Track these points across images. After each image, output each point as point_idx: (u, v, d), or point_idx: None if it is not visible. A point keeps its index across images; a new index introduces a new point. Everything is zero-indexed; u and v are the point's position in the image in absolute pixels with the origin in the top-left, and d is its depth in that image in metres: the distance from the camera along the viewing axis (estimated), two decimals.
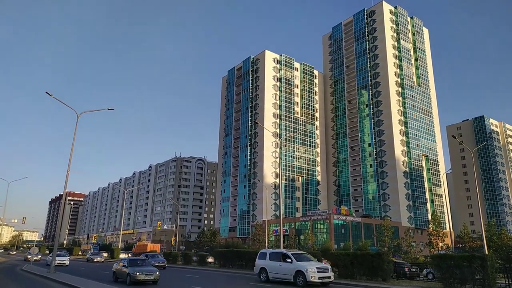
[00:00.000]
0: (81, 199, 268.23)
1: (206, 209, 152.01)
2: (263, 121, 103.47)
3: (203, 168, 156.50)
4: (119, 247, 75.45)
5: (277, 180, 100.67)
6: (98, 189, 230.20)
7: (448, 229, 58.66)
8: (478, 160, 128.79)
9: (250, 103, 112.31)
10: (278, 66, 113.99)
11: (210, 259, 43.68)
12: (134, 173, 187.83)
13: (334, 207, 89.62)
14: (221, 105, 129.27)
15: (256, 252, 37.29)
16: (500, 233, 36.25)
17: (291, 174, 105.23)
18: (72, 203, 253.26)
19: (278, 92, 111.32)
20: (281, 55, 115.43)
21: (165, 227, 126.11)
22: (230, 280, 26.68)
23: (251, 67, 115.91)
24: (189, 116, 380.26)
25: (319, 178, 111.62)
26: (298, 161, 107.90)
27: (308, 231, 70.47)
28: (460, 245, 44.14)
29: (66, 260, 42.70)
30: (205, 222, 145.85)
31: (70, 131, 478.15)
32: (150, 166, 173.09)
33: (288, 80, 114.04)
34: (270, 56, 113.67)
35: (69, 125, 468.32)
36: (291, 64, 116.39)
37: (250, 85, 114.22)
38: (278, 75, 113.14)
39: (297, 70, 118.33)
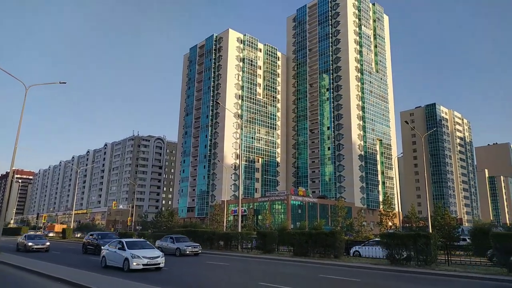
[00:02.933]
0: (31, 177, 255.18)
1: (165, 189, 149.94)
2: (225, 101, 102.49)
3: (162, 148, 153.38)
4: (72, 227, 73.32)
5: (237, 161, 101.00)
6: (49, 167, 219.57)
7: (397, 209, 62.11)
8: (428, 145, 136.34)
9: (212, 83, 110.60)
10: (241, 46, 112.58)
11: None
12: (88, 152, 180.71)
13: (292, 188, 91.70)
14: (182, 83, 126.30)
15: (214, 232, 37.47)
16: (444, 213, 38.91)
17: (251, 155, 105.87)
18: (20, 181, 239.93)
19: (240, 73, 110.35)
20: (245, 35, 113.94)
21: (120, 207, 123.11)
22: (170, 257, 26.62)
23: (214, 46, 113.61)
24: (148, 94, 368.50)
25: (278, 159, 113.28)
26: (259, 143, 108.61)
27: (266, 212, 71.78)
28: (408, 225, 46.96)
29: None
30: (163, 202, 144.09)
31: (19, 105, 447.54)
32: (105, 145, 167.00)
33: (251, 61, 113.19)
34: (234, 36, 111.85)
35: (18, 99, 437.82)
36: (254, 44, 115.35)
37: (213, 64, 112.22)
38: (241, 55, 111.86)
39: (261, 51, 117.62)
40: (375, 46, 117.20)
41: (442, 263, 21.42)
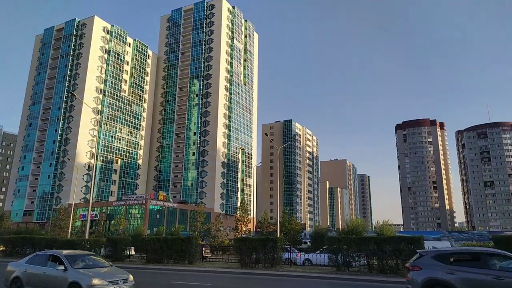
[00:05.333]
0: None
1: None
2: (83, 94, 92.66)
3: None
4: None
5: (92, 161, 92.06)
6: None
7: (252, 215, 65.95)
8: (283, 157, 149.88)
9: (69, 72, 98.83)
10: (108, 37, 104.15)
11: None
12: None
13: (152, 192, 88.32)
14: (31, 67, 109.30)
15: (55, 239, 32.84)
16: (290, 219, 42.97)
17: (110, 155, 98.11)
18: None
19: (104, 65, 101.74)
20: (113, 26, 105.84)
21: None
22: None
23: (75, 31, 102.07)
24: None
25: (140, 161, 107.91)
26: (119, 142, 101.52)
27: (121, 216, 67.13)
28: (260, 230, 50.19)
29: None
30: None
31: None
32: None
33: (118, 55, 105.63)
34: (100, 24, 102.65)
35: None
36: (123, 38, 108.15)
37: (72, 52, 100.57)
38: (107, 46, 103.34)
39: (130, 46, 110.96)
40: (245, 60, 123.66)
41: (287, 265, 23.41)
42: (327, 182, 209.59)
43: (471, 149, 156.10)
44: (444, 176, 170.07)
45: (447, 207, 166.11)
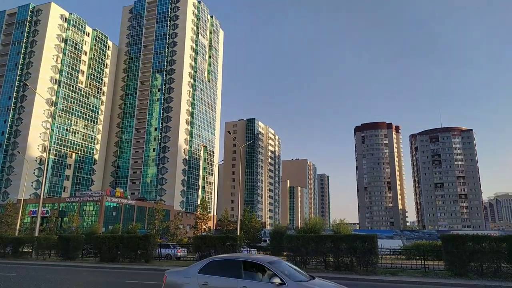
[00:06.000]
0: None
1: None
2: (36, 84, 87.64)
3: None
4: None
5: (45, 154, 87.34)
6: None
7: (212, 213, 65.58)
8: (245, 155, 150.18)
9: (21, 60, 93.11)
10: (65, 25, 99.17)
11: None
12: None
13: (108, 188, 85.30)
14: None
15: (1, 236, 30.82)
16: (251, 217, 43.14)
17: (64, 149, 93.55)
18: None
19: (61, 55, 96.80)
20: (71, 14, 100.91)
21: None
22: None
23: (29, 17, 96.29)
24: None
25: (96, 156, 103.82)
26: (75, 136, 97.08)
27: (75, 213, 64.28)
28: (220, 228, 50.00)
29: None
30: None
31: None
32: None
33: (76, 44, 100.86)
34: (57, 11, 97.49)
35: None
36: (82, 26, 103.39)
37: (25, 38, 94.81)
38: (64, 35, 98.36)
39: (89, 36, 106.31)
40: (209, 57, 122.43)
41: None
42: (288, 181, 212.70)
43: (424, 152, 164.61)
44: (398, 177, 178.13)
45: (400, 207, 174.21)
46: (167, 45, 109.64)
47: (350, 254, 19.31)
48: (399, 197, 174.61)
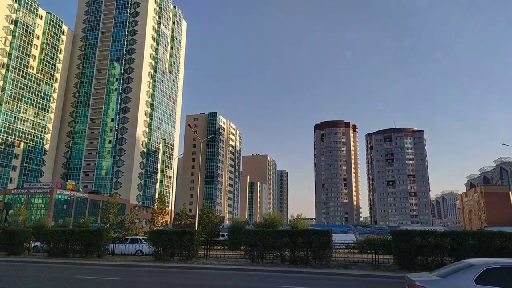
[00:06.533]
0: None
1: None
2: None
3: None
4: None
5: None
6: None
7: (170, 208, 64.55)
8: (206, 149, 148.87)
9: None
10: (16, 5, 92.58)
11: None
12: None
13: (59, 180, 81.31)
14: None
15: None
16: (209, 212, 42.88)
17: (11, 138, 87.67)
18: None
19: (10, 37, 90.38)
20: None
21: None
22: None
23: None
24: None
25: (47, 147, 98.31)
26: (23, 124, 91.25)
27: (22, 206, 60.59)
28: (178, 222, 49.28)
29: None
30: None
31: None
32: None
33: (27, 27, 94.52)
34: None
35: None
36: (34, 8, 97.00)
37: None
38: (14, 16, 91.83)
39: (42, 19, 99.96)
40: (171, 48, 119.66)
41: (202, 257, 23.30)
42: (248, 176, 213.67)
43: (378, 151, 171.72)
44: (353, 175, 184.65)
45: (355, 203, 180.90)
46: (126, 33, 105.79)
47: (306, 249, 19.76)
48: (354, 193, 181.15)
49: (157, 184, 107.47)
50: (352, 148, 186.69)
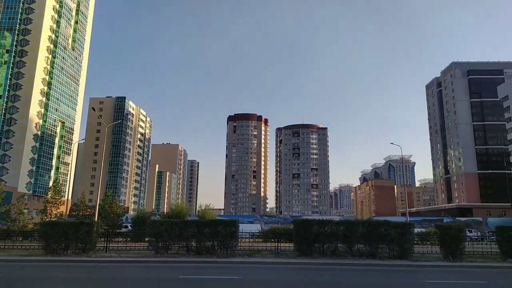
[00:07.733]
0: None
1: None
2: None
3: None
4: None
5: None
6: None
7: (67, 197, 59.24)
8: (111, 135, 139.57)
9: None
10: None
11: None
12: None
13: None
14: None
15: None
16: (112, 202, 40.32)
17: None
18: None
19: None
20: None
21: None
22: None
23: None
24: None
25: None
26: None
27: None
28: (75, 213, 45.40)
29: None
30: None
31: None
32: None
33: None
34: None
35: None
36: None
37: None
38: None
39: None
40: (76, 22, 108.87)
41: (101, 250, 21.80)
42: (157, 165, 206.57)
43: (286, 145, 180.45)
44: (263, 167, 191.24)
45: (262, 194, 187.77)
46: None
47: (213, 239, 19.83)
48: (262, 185, 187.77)
49: (52, 171, 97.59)
50: (262, 141, 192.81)
